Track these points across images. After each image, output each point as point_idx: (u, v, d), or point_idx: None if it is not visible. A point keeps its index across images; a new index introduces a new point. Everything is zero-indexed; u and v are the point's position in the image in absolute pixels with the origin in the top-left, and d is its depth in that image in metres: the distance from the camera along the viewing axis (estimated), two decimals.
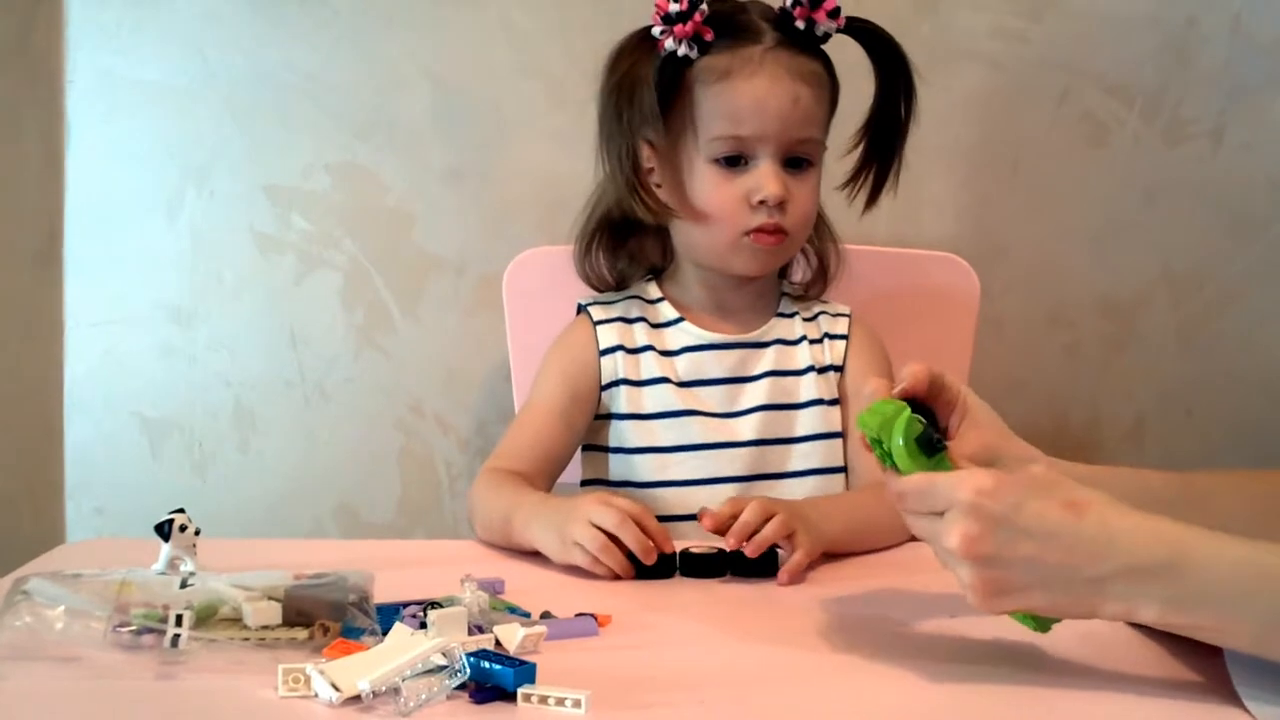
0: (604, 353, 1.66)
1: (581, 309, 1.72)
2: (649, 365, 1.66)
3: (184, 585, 1.11)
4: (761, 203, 1.57)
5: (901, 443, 1.07)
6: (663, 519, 1.42)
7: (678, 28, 1.57)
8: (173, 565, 1.18)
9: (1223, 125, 2.12)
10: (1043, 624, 1.05)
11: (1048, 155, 2.12)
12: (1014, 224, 2.13)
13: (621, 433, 1.66)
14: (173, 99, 2.08)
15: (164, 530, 1.18)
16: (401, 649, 1.00)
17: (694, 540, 1.41)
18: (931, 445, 1.08)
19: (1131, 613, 0.99)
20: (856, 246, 1.87)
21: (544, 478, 1.62)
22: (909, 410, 1.09)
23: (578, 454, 1.71)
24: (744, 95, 1.56)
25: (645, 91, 1.58)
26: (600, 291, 1.75)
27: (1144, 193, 2.13)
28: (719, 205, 1.60)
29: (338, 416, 2.14)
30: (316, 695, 0.98)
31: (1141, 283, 2.15)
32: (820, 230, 1.74)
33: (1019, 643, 1.12)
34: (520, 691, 0.97)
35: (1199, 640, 1.02)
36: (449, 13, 2.07)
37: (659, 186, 1.65)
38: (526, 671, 0.98)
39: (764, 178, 1.57)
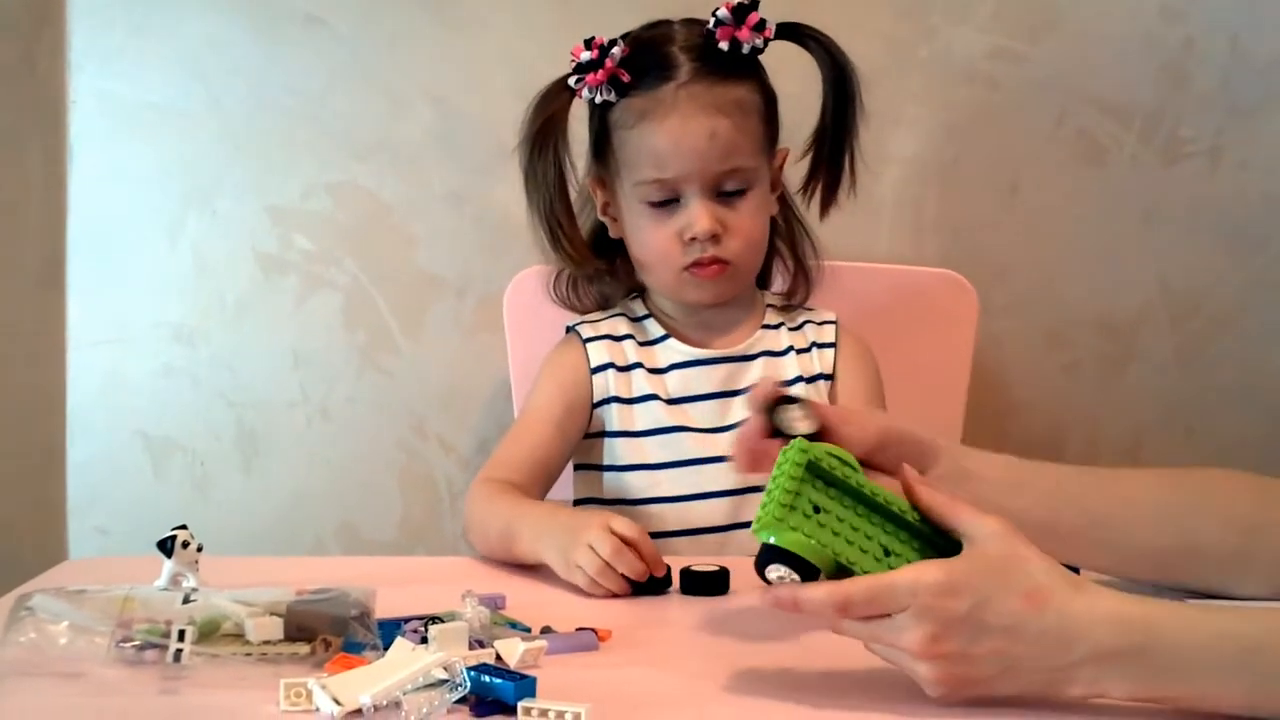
0: (595, 370, 1.67)
1: (570, 329, 1.72)
2: (639, 382, 1.66)
3: (186, 601, 1.11)
4: (694, 239, 1.58)
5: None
6: (657, 535, 1.42)
7: (590, 76, 1.58)
8: (175, 581, 1.19)
9: (1220, 145, 2.13)
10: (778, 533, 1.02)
11: (1046, 175, 2.13)
12: (1012, 244, 2.14)
13: (614, 450, 1.66)
14: (175, 121, 2.09)
15: (167, 546, 1.19)
16: (403, 663, 1.01)
17: (691, 557, 1.42)
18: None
19: (1101, 692, 0.98)
20: (855, 263, 1.88)
21: (539, 488, 1.62)
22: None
23: (570, 475, 1.72)
24: (660, 138, 1.57)
25: (560, 145, 1.61)
26: (583, 314, 1.75)
27: (1142, 212, 2.14)
28: (654, 246, 1.61)
29: (339, 436, 2.14)
30: (318, 709, 0.98)
31: (1140, 302, 2.16)
32: (796, 237, 1.73)
33: None
34: (521, 705, 0.97)
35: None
36: (449, 36, 2.09)
37: (615, 220, 1.67)
38: (527, 685, 0.99)
39: (693, 216, 1.58)
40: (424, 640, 1.08)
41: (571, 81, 1.60)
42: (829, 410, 1.23)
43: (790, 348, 1.69)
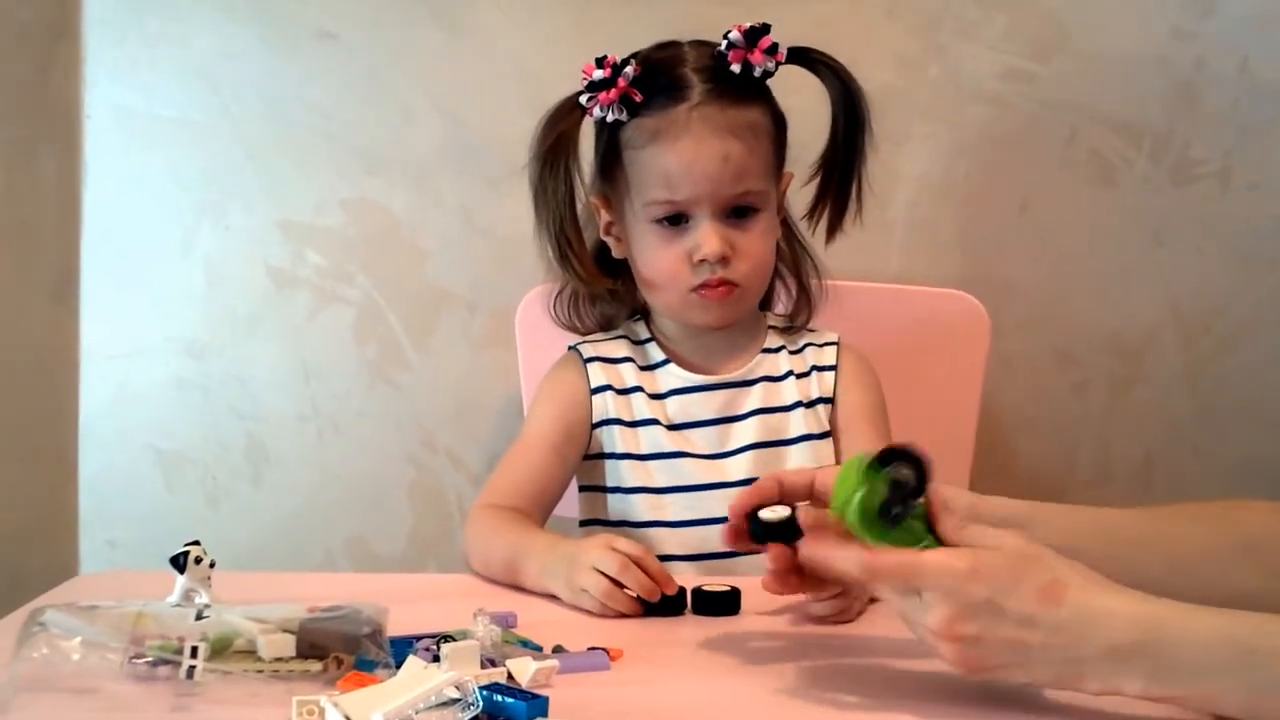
0: (595, 391, 1.67)
1: (571, 348, 1.72)
2: (639, 406, 1.66)
3: (199, 617, 1.11)
4: (703, 261, 1.57)
5: (858, 520, 1.06)
6: (661, 559, 1.41)
7: (602, 94, 1.57)
8: (188, 597, 1.19)
9: (1230, 165, 2.13)
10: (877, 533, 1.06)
11: (1056, 195, 2.13)
12: (1022, 264, 2.14)
13: (619, 472, 1.65)
14: (188, 135, 2.10)
15: (179, 562, 1.19)
16: (415, 682, 1.01)
17: (697, 578, 1.42)
18: (890, 517, 1.07)
19: (1114, 688, 1.00)
20: (865, 283, 1.89)
21: (539, 513, 1.62)
22: (864, 489, 1.07)
23: (575, 493, 1.71)
24: (672, 159, 1.56)
25: (571, 163, 1.60)
26: (585, 335, 1.75)
27: (1152, 232, 2.14)
28: (662, 266, 1.60)
29: (350, 450, 2.14)
30: None
31: (1150, 322, 2.16)
32: (798, 259, 1.73)
33: None
34: None
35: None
36: (461, 49, 2.09)
37: (619, 240, 1.66)
38: (539, 705, 0.99)
39: (703, 237, 1.57)
40: (436, 659, 1.09)
41: (583, 99, 1.59)
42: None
43: (790, 372, 1.68)
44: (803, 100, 1.65)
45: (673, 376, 1.67)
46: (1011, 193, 2.13)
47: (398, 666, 1.05)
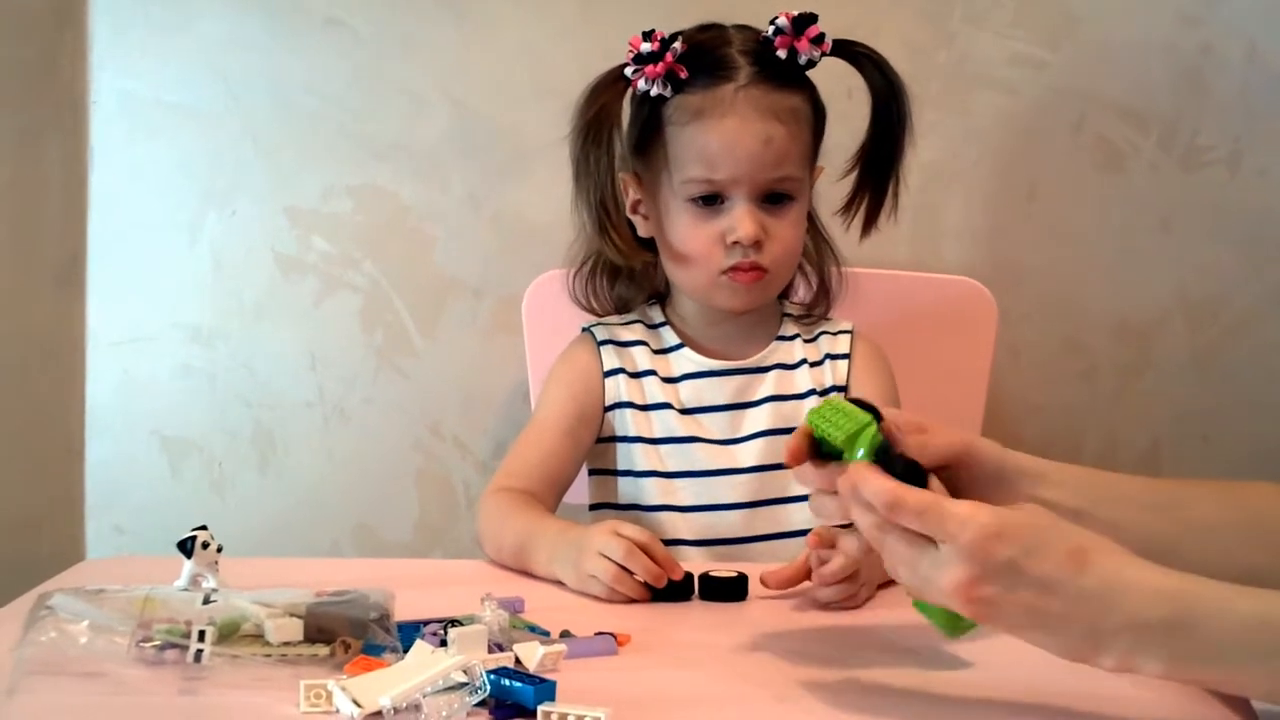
0: (608, 374, 1.67)
1: (585, 330, 1.72)
2: (652, 390, 1.66)
3: (206, 601, 1.12)
4: (736, 243, 1.57)
5: (861, 454, 1.06)
6: (670, 543, 1.41)
7: (649, 68, 1.57)
8: (195, 582, 1.19)
9: (1239, 151, 2.12)
10: (953, 626, 1.04)
11: (1064, 182, 2.12)
12: (1030, 250, 2.13)
13: (630, 456, 1.66)
14: (195, 121, 2.10)
15: (187, 547, 1.19)
16: (422, 666, 1.01)
17: (707, 564, 1.42)
18: (890, 459, 1.06)
19: (1133, 667, 0.96)
20: (874, 270, 1.88)
21: (552, 496, 1.63)
22: (875, 425, 1.08)
23: (585, 479, 1.71)
24: (714, 138, 1.56)
25: (614, 134, 1.59)
26: (600, 316, 1.75)
27: (1160, 219, 2.13)
28: (695, 245, 1.60)
29: (356, 437, 2.14)
30: (338, 711, 0.99)
31: (1158, 308, 2.15)
32: (820, 251, 1.73)
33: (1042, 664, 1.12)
34: (540, 709, 0.97)
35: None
36: (469, 36, 2.09)
37: (646, 218, 1.66)
38: (546, 689, 0.99)
39: (738, 219, 1.56)
40: (443, 643, 1.09)
41: (628, 72, 1.59)
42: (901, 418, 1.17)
43: (804, 360, 1.68)
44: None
45: (687, 361, 1.67)
46: (1020, 179, 2.13)
47: (405, 651, 1.06)
